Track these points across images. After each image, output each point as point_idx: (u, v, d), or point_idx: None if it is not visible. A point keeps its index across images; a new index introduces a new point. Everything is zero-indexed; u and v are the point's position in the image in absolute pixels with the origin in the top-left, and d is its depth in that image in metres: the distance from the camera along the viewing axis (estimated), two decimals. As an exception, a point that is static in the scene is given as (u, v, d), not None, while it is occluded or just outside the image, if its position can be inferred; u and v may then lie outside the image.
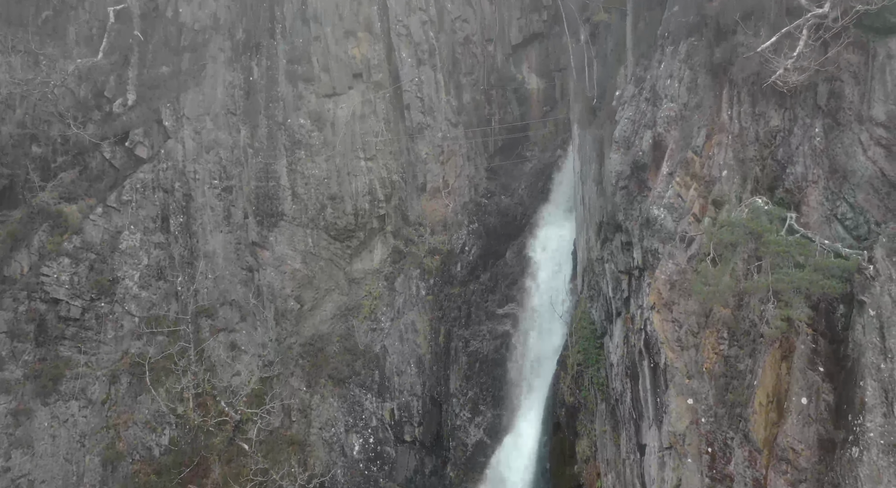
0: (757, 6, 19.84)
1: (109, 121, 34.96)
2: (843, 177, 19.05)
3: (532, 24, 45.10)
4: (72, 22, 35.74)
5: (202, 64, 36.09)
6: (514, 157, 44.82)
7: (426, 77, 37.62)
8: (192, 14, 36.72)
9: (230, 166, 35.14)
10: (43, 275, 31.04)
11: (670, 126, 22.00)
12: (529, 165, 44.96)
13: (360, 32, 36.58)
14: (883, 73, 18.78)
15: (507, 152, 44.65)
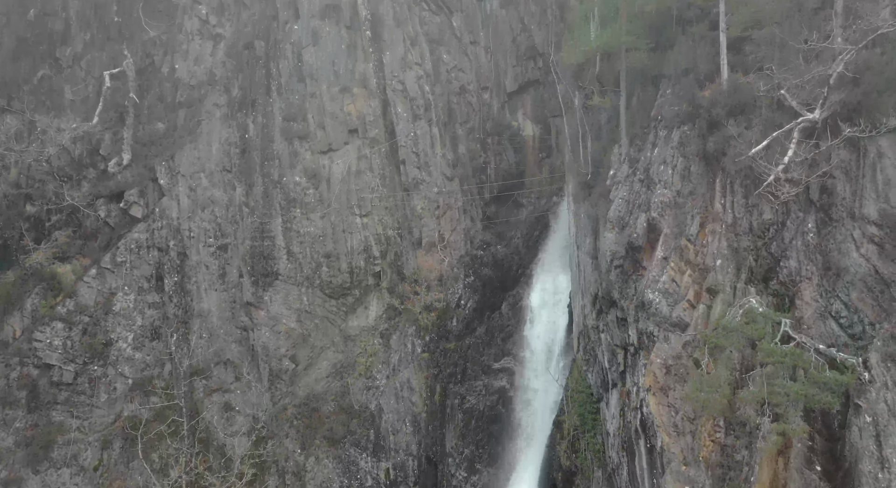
0: (748, 102, 19.98)
1: (104, 179, 34.93)
2: (836, 275, 19.09)
3: (528, 72, 45.38)
4: (68, 80, 35.78)
5: (198, 120, 36.16)
6: (510, 205, 44.90)
7: (422, 131, 37.73)
8: (187, 70, 36.83)
9: (225, 224, 35.08)
10: (36, 340, 30.83)
11: (664, 211, 22.06)
12: (525, 212, 45.01)
13: (356, 89, 36.72)
14: (874, 171, 18.88)
15: (503, 199, 44.71)
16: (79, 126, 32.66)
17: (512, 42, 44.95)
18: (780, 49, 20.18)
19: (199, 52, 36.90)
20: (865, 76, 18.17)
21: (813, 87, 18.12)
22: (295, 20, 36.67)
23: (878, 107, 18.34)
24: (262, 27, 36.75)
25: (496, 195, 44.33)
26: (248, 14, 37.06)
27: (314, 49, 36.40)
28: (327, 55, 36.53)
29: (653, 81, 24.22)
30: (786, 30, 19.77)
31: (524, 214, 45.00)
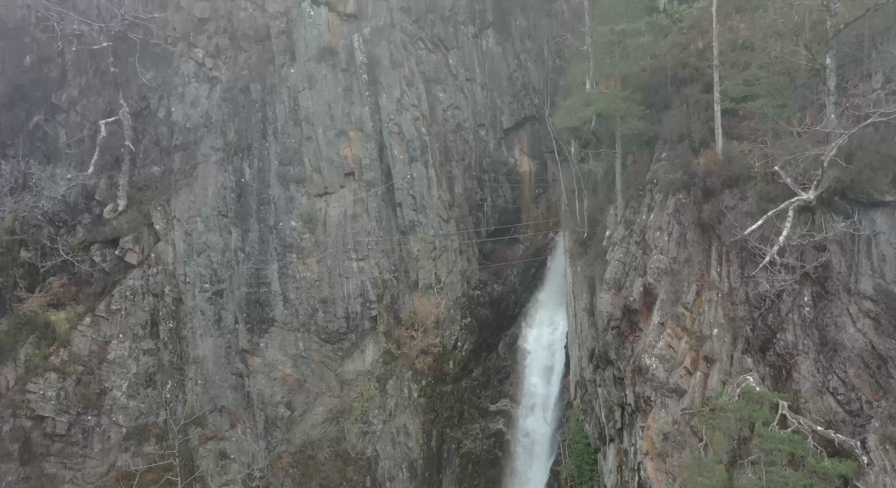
0: (743, 174, 20.02)
1: (99, 225, 34.82)
2: (833, 350, 19.07)
3: (524, 109, 45.52)
4: (63, 125, 35.74)
5: (193, 163, 36.12)
6: (507, 240, 44.89)
7: (418, 174, 37.73)
8: (183, 113, 36.82)
9: (221, 269, 34.96)
10: (29, 392, 30.58)
11: (661, 276, 22.04)
12: (522, 248, 45.01)
13: (352, 132, 36.75)
14: (869, 246, 18.91)
15: (500, 235, 44.67)
16: (74, 177, 32.58)
17: (508, 78, 45.09)
18: (773, 120, 20.26)
19: (196, 95, 36.91)
20: (858, 154, 18.24)
21: (807, 166, 18.16)
22: (291, 64, 36.73)
23: (873, 183, 18.39)
24: (259, 71, 36.80)
25: (493, 230, 44.37)
26: (245, 57, 37.12)
27: (310, 93, 36.45)
28: (323, 99, 36.56)
29: (647, 143, 24.27)
30: (778, 103, 19.85)
31: (521, 250, 45.03)
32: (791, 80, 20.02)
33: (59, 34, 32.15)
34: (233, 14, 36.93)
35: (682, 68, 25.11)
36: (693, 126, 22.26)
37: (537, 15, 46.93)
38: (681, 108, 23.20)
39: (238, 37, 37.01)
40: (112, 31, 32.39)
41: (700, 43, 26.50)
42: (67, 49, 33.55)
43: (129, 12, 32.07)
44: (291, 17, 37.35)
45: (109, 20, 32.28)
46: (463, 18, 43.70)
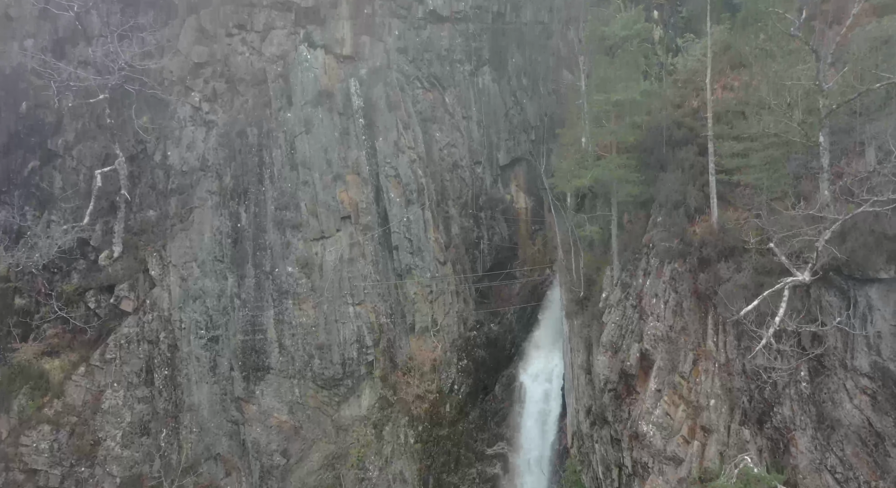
0: (738, 246, 20.08)
1: (94, 271, 34.67)
2: (831, 427, 19.05)
3: (520, 145, 45.69)
4: (59, 170, 35.67)
5: (190, 207, 36.05)
6: (504, 278, 44.88)
7: (415, 216, 37.74)
8: (180, 156, 36.79)
9: (217, 315, 34.81)
10: (22, 444, 30.29)
11: (657, 343, 22.04)
12: (519, 285, 45.04)
13: (349, 176, 36.78)
14: (864, 322, 18.93)
15: (497, 272, 44.71)
16: (69, 229, 32.47)
17: (504, 116, 45.29)
18: (768, 191, 20.36)
19: (192, 139, 36.90)
20: (853, 233, 18.30)
21: (802, 245, 18.21)
22: (288, 107, 36.80)
23: (868, 261, 18.44)
24: (255, 114, 36.83)
25: (490, 267, 44.38)
26: (241, 101, 37.16)
27: (307, 137, 36.49)
28: (320, 143, 36.61)
29: (644, 204, 24.34)
30: (772, 177, 19.95)
31: (518, 287, 45.04)
32: (785, 154, 20.11)
33: (55, 91, 32.12)
34: (230, 58, 37.02)
35: (677, 129, 25.24)
36: (688, 192, 22.35)
37: (533, 51, 47.22)
38: (676, 173, 23.30)
39: (235, 81, 37.07)
40: (109, 84, 32.40)
41: (694, 101, 26.68)
42: (64, 100, 33.45)
43: (127, 64, 32.02)
44: (288, 60, 37.46)
45: (106, 74, 32.29)
46: (459, 57, 43.93)
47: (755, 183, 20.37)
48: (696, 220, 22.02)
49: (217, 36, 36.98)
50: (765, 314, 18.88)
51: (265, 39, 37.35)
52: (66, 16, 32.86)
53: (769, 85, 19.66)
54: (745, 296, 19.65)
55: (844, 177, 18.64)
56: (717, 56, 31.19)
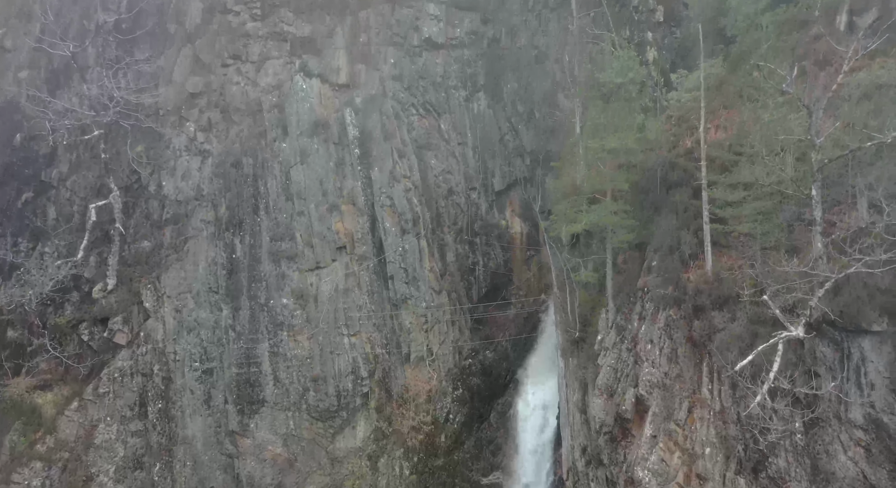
0: (732, 295, 20.16)
1: (88, 303, 34.49)
2: (825, 480, 19.07)
3: (515, 171, 45.80)
4: (53, 201, 35.54)
5: (184, 238, 35.96)
6: (499, 302, 44.88)
7: (410, 246, 37.74)
8: (174, 186, 36.73)
9: (211, 347, 34.68)
10: (14, 482, 30.01)
11: (653, 389, 22.07)
12: (514, 311, 45.03)
13: (344, 206, 36.78)
14: (858, 374, 19.03)
15: (492, 298, 44.68)
16: (62, 264, 32.30)
17: (499, 141, 45.43)
18: (762, 240, 20.47)
19: (187, 168, 36.86)
20: (846, 288, 18.40)
21: (795, 300, 18.29)
22: (283, 138, 36.83)
23: (861, 314, 18.55)
24: (250, 144, 36.85)
25: (485, 293, 44.37)
26: (237, 130, 37.17)
27: (302, 167, 36.51)
28: (315, 173, 36.63)
29: (639, 246, 24.43)
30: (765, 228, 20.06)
31: (513, 313, 45.02)
32: (777, 204, 20.24)
33: (49, 129, 32.05)
34: (225, 88, 37.05)
35: (671, 170, 25.39)
36: (683, 238, 22.45)
37: (529, 77, 47.40)
38: (670, 217, 23.40)
39: (230, 111, 37.09)
40: (104, 120, 32.36)
41: (689, 141, 26.83)
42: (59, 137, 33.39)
43: (122, 98, 32.00)
44: (284, 90, 37.52)
45: (101, 110, 32.26)
46: (454, 83, 44.09)
47: (749, 231, 20.47)
48: (690, 266, 22.10)
49: (212, 66, 37.03)
50: (760, 365, 18.94)
51: (260, 69, 37.42)
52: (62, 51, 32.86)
53: (761, 135, 19.79)
54: (739, 347, 19.75)
55: (837, 230, 18.75)
56: (710, 91, 31.49)
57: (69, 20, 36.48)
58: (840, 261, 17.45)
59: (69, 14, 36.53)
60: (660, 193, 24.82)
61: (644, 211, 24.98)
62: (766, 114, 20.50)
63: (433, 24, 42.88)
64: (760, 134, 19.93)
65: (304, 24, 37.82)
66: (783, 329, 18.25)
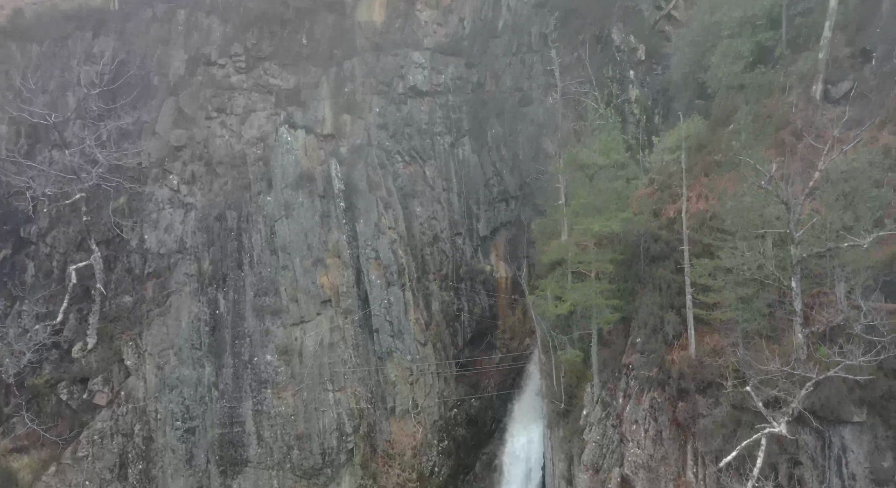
0: (716, 380, 20.40)
1: (67, 361, 33.87)
2: (808, 569, 19.32)
3: (500, 215, 46.03)
4: (32, 258, 34.95)
5: (167, 293, 35.56)
6: (485, 348, 44.91)
7: (395, 298, 37.68)
8: (157, 239, 36.37)
9: (194, 405, 34.19)
10: (-12, 554, 29.23)
11: (638, 470, 22.19)
12: (500, 356, 45.07)
13: (329, 259, 36.66)
14: (839, 464, 19.33)
15: (477, 343, 44.71)
16: (41, 329, 31.74)
17: (484, 186, 45.66)
18: (743, 325, 20.76)
19: (170, 221, 36.54)
20: (826, 382, 18.71)
21: (778, 394, 18.55)
22: (268, 191, 36.68)
23: (841, 407, 18.88)
24: (235, 197, 36.65)
25: (470, 338, 44.37)
26: (220, 183, 36.96)
27: (287, 221, 36.36)
28: (300, 227, 36.49)
29: (624, 319, 24.63)
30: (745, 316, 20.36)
31: (498, 357, 45.06)
32: (758, 292, 20.55)
33: (29, 199, 31.63)
34: (209, 141, 36.89)
35: (654, 242, 25.65)
36: (666, 318, 22.68)
37: (513, 121, 47.81)
38: (654, 293, 23.64)
39: (214, 163, 36.90)
40: (86, 184, 32.02)
41: (671, 210, 27.19)
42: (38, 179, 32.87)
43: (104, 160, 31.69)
44: (269, 142, 37.44)
45: (82, 173, 31.92)
46: (439, 129, 44.34)
47: (731, 318, 20.75)
48: (674, 345, 22.32)
49: (196, 119, 36.86)
50: (744, 455, 19.15)
51: (245, 122, 37.32)
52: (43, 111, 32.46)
53: (742, 222, 20.10)
54: (723, 434, 19.96)
55: (816, 323, 19.10)
56: (690, 151, 32.02)
57: (49, 73, 36.10)
58: (821, 360, 17.76)
59: (49, 68, 36.16)
60: (643, 265, 25.08)
61: (628, 282, 25.22)
62: (746, 196, 20.83)
63: (418, 71, 43.16)
64: (740, 218, 20.23)
65: (289, 76, 37.84)
66: (766, 423, 18.48)
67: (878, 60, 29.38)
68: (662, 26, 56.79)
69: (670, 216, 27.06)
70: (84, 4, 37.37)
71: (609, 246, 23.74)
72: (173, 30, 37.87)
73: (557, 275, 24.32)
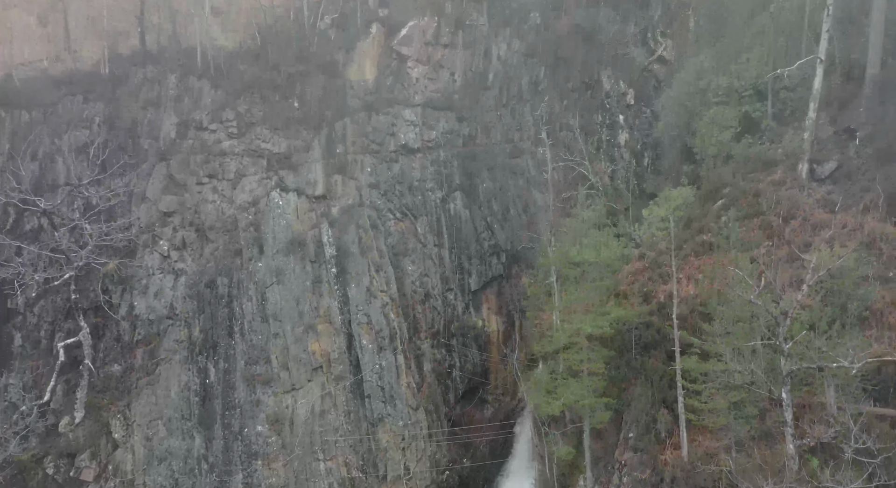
0: (710, 483, 20.51)
1: (54, 435, 33.36)
2: None
3: (491, 269, 46.18)
4: (18, 328, 34.56)
5: (156, 361, 35.22)
6: (476, 403, 44.80)
7: (387, 362, 37.58)
8: (147, 305, 36.08)
9: (183, 478, 33.75)
10: None
11: (632, 570, 22.19)
12: (492, 410, 44.98)
13: (321, 325, 36.53)
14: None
15: (469, 398, 44.60)
16: (27, 411, 31.32)
17: (475, 240, 45.84)
18: (736, 429, 20.89)
19: (160, 287, 36.28)
20: None
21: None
22: (259, 257, 36.57)
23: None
24: (225, 263, 36.49)
25: (462, 394, 44.26)
26: (211, 248, 36.82)
27: (278, 288, 36.25)
28: (292, 293, 36.38)
29: (617, 411, 24.69)
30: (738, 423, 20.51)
31: (490, 412, 44.96)
32: (748, 398, 20.71)
33: (17, 290, 31.40)
34: (200, 207, 36.79)
35: (645, 329, 25.82)
36: (658, 416, 22.77)
37: (503, 175, 48.18)
38: (646, 387, 23.74)
39: (205, 229, 36.78)
40: (74, 264, 31.81)
41: (661, 294, 27.41)
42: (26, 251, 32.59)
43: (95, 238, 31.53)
44: (260, 207, 37.40)
45: (71, 254, 31.72)
46: (431, 185, 44.55)
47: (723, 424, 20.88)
48: (667, 443, 22.40)
49: (188, 185, 36.78)
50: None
51: (237, 186, 37.30)
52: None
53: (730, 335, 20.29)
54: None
55: (807, 436, 19.27)
56: (679, 226, 32.34)
57: (39, 140, 35.95)
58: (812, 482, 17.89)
59: (39, 134, 36.02)
60: (634, 354, 25.22)
61: (620, 370, 25.34)
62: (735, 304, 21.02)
63: (410, 129, 43.46)
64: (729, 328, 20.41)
65: (280, 139, 37.94)
66: (758, 538, 18.55)
67: (861, 141, 29.97)
68: (651, 67, 57.58)
69: (661, 300, 27.29)
70: (75, 69, 37.32)
71: (600, 340, 23.86)
72: (164, 94, 37.87)
73: (548, 374, 24.40)
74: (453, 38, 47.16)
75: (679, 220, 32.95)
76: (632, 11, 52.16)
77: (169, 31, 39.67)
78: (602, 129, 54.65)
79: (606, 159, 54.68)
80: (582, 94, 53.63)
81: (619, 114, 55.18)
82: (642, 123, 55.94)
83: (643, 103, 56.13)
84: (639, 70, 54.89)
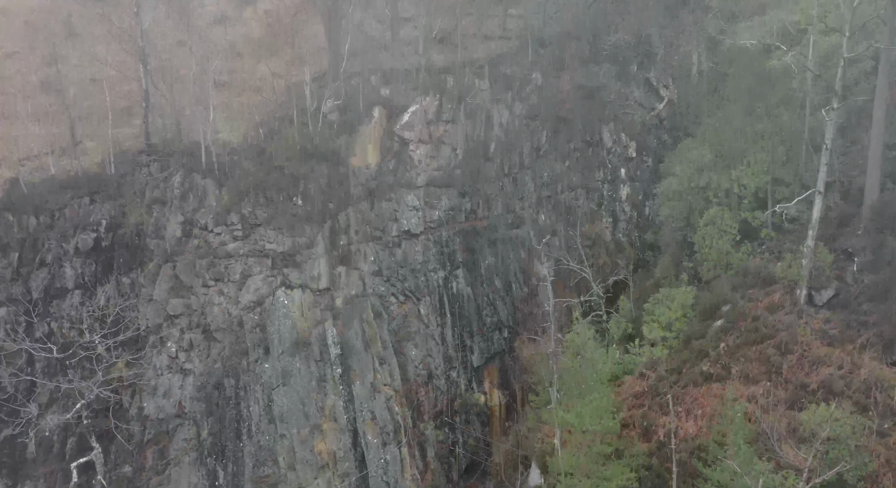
0: None
1: (67, 541, 34.21)
2: None
3: (493, 345, 46.87)
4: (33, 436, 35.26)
5: (166, 461, 35.99)
6: (479, 476, 45.73)
7: (392, 456, 38.33)
8: (155, 405, 36.77)
9: None
10: None
11: None
12: (494, 483, 45.87)
13: (326, 424, 37.21)
14: None
15: (472, 472, 45.53)
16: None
17: (477, 316, 46.43)
18: None
19: (168, 386, 36.95)
20: None
21: None
22: (265, 358, 37.19)
23: None
24: (232, 364, 37.11)
25: (465, 469, 45.15)
26: (218, 349, 37.42)
27: (284, 389, 36.89)
28: (297, 394, 37.03)
29: None
30: None
31: (492, 484, 45.87)
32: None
33: (31, 437, 32.10)
34: (206, 309, 37.32)
35: (646, 471, 26.48)
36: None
37: (504, 248, 48.63)
38: None
39: (211, 330, 37.34)
40: (86, 398, 32.50)
41: (661, 431, 28.04)
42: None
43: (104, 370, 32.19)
44: (265, 306, 37.91)
45: (83, 388, 32.42)
46: (433, 266, 45.04)
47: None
48: None
49: (193, 287, 37.28)
50: None
51: (242, 287, 37.78)
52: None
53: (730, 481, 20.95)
54: None
55: None
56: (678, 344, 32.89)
57: (47, 247, 36.43)
58: None
59: (46, 240, 36.50)
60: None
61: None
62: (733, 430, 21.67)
63: (412, 215, 43.84)
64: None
65: (284, 238, 38.36)
66: None
67: (859, 267, 30.35)
68: (654, 108, 57.85)
69: (660, 438, 27.93)
70: (81, 172, 37.67)
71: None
72: (169, 192, 38.26)
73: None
74: (455, 114, 47.31)
75: (679, 334, 33.51)
76: (632, 61, 52.89)
77: (173, 126, 39.94)
78: (603, 186, 55.07)
79: (608, 215, 55.22)
80: (584, 153, 53.97)
81: (620, 167, 55.55)
82: (643, 173, 56.35)
83: (645, 153, 56.50)
84: (639, 123, 55.19)
